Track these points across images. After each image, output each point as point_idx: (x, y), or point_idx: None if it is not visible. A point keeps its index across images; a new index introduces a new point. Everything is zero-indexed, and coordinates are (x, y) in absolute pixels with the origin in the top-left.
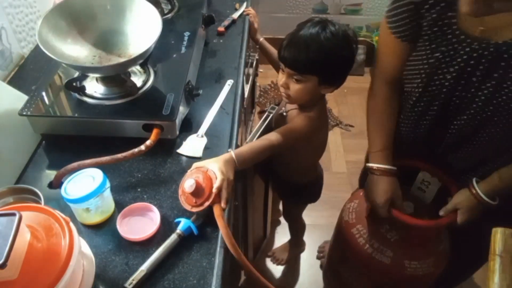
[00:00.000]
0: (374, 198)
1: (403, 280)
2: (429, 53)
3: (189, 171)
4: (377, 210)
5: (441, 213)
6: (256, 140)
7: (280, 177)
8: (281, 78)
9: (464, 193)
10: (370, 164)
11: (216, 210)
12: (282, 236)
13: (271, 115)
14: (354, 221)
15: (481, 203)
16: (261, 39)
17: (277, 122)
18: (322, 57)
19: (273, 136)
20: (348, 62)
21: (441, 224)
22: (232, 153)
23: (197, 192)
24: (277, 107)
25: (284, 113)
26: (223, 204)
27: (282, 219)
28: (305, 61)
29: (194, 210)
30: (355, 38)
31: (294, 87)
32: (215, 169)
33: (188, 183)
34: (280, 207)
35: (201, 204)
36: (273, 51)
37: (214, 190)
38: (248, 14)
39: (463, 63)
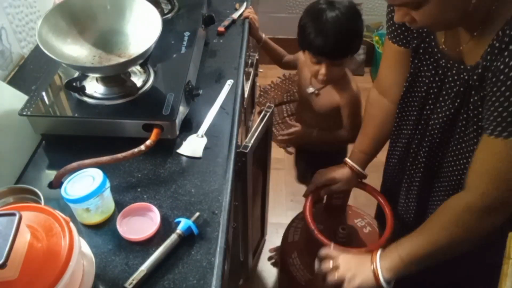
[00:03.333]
0: (324, 170)
1: None
2: (411, 62)
3: None
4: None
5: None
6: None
7: (314, 151)
8: (318, 69)
9: (365, 262)
10: (346, 159)
11: None
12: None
13: (268, 114)
14: (297, 241)
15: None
16: (264, 37)
17: (305, 101)
18: (353, 36)
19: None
20: (362, 27)
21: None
22: None
23: None
24: (273, 106)
25: (316, 91)
26: None
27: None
28: (344, 47)
29: None
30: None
31: (334, 71)
32: None
33: None
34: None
35: None
36: (279, 49)
37: None
38: (247, 17)
39: (431, 77)
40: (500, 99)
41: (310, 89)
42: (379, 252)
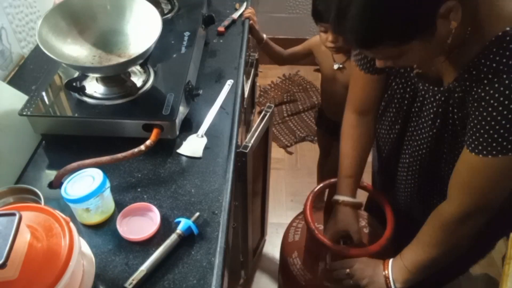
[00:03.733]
0: (351, 224)
1: None
2: (388, 82)
3: None
4: (353, 236)
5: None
6: None
7: (336, 122)
8: (327, 37)
9: (378, 271)
10: (336, 197)
11: None
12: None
13: (268, 114)
14: (297, 241)
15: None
16: (266, 37)
17: (333, 81)
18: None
19: None
20: None
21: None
22: None
23: None
24: (273, 106)
25: (340, 65)
26: None
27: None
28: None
29: None
30: None
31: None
32: None
33: None
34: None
35: None
36: (278, 48)
37: None
38: (248, 18)
39: (410, 99)
40: (482, 122)
41: (335, 66)
42: (390, 262)
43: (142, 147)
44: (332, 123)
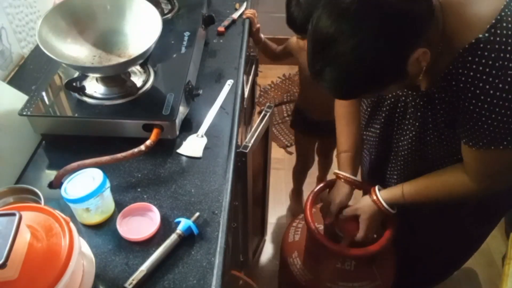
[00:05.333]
0: (335, 197)
1: None
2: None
3: None
4: (331, 207)
5: (341, 216)
6: None
7: (317, 121)
8: (305, 43)
9: (366, 199)
10: (336, 171)
11: None
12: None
13: (268, 114)
14: (297, 241)
15: (381, 211)
16: (264, 38)
17: (311, 84)
18: None
19: None
20: None
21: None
22: None
23: None
24: (273, 106)
25: None
26: None
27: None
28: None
29: None
30: None
31: None
32: None
33: None
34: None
35: None
36: (273, 46)
37: None
38: (248, 17)
39: (392, 105)
40: (470, 122)
41: None
42: (377, 187)
43: (142, 147)
44: (313, 122)
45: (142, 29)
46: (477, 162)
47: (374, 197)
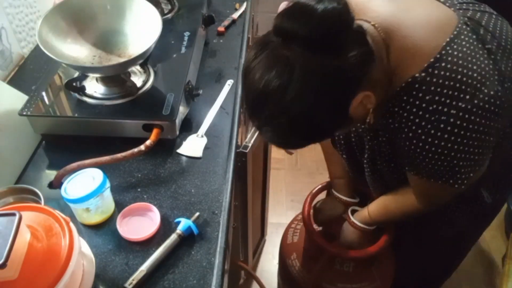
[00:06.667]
0: (326, 211)
1: None
2: None
3: None
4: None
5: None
6: None
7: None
8: None
9: (346, 226)
10: (334, 193)
11: None
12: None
13: None
14: (295, 242)
15: (363, 231)
16: None
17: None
18: None
19: None
20: None
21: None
22: None
23: None
24: None
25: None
26: None
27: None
28: None
29: None
30: None
31: None
32: None
33: None
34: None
35: None
36: None
37: None
38: None
39: (345, 136)
40: (409, 157)
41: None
42: (349, 211)
43: (142, 147)
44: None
45: (142, 29)
46: (419, 187)
47: (351, 221)
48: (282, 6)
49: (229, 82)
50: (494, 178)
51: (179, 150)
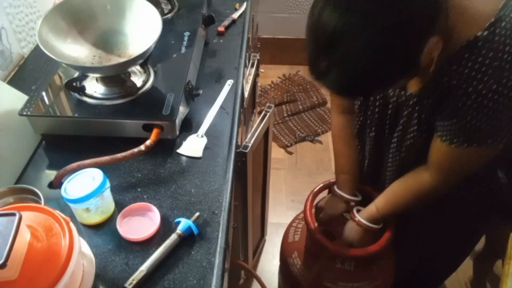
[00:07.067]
0: (327, 209)
1: None
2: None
3: None
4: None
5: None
6: None
7: None
8: None
9: (350, 225)
10: (336, 190)
11: None
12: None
13: (268, 114)
14: (297, 241)
15: (368, 230)
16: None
17: None
18: None
19: None
20: None
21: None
22: None
23: None
24: (273, 106)
25: None
26: None
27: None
28: None
29: None
30: None
31: None
32: None
33: None
34: None
35: None
36: None
37: None
38: None
39: (381, 107)
40: (454, 118)
41: None
42: (355, 210)
43: (142, 147)
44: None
45: (142, 29)
46: (444, 157)
47: (356, 219)
48: None
49: (229, 82)
50: (510, 159)
51: (179, 150)
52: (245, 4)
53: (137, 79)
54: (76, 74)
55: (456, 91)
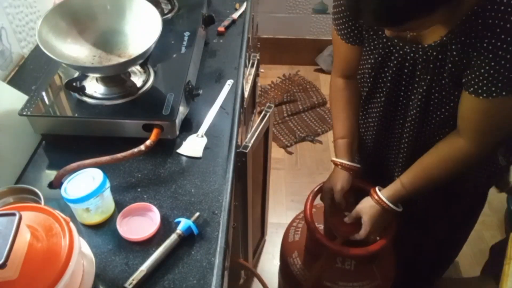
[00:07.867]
0: (335, 184)
1: None
2: (370, 54)
3: None
4: (334, 195)
5: (346, 219)
6: None
7: None
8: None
9: (367, 200)
10: (333, 159)
11: None
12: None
13: (268, 114)
14: (297, 241)
15: (386, 210)
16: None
17: None
18: None
19: None
20: None
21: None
22: None
23: None
24: (273, 106)
25: None
26: None
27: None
28: None
29: None
30: None
31: None
32: None
33: None
34: None
35: None
36: None
37: None
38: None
39: (398, 65)
40: (486, 67)
41: None
42: (377, 187)
43: (142, 147)
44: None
45: (142, 29)
46: (479, 114)
47: (376, 197)
48: None
49: (229, 82)
50: (508, 144)
51: (179, 150)
52: (245, 4)
53: (137, 79)
54: (76, 74)
55: (491, 35)
